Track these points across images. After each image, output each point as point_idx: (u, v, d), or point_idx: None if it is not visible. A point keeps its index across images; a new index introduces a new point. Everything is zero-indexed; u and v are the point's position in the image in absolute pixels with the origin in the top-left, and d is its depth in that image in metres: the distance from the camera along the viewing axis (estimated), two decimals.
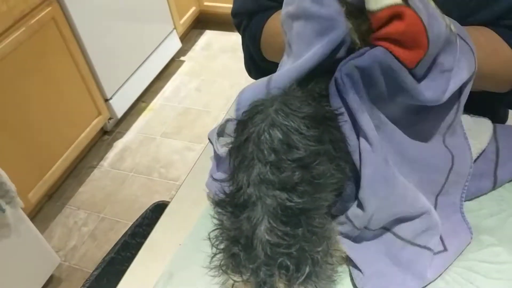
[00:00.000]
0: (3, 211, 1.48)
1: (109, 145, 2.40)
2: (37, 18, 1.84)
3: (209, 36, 3.02)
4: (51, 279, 1.86)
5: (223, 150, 0.66)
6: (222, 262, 0.52)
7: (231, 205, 0.50)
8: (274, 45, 0.80)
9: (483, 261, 0.62)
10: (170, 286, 0.66)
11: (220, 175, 0.71)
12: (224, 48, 2.91)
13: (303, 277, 0.47)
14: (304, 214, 0.48)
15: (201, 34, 3.04)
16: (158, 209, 1.28)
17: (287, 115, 0.49)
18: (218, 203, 0.53)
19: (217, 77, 2.71)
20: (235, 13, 0.90)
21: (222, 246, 0.52)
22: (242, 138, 0.50)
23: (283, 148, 0.48)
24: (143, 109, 2.58)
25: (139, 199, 2.12)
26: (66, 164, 2.13)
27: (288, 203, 0.47)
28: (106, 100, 2.30)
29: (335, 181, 0.53)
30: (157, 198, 2.12)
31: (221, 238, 0.52)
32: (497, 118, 0.81)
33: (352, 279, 0.61)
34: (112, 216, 2.08)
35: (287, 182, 0.47)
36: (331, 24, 0.53)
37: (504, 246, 0.63)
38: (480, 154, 0.71)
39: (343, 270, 0.62)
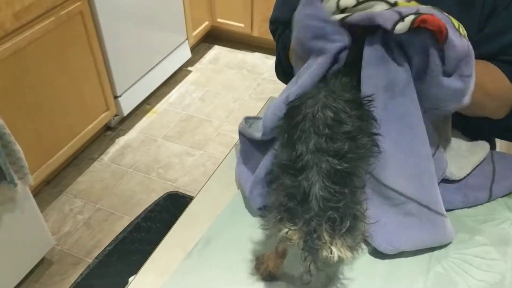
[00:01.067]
0: (15, 185, 1.55)
1: (112, 141, 2.48)
2: (66, 10, 1.95)
3: (217, 51, 3.15)
4: (42, 260, 1.91)
5: (259, 135, 0.78)
6: (278, 215, 0.61)
7: (291, 168, 0.60)
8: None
9: (476, 256, 0.73)
10: (208, 250, 0.76)
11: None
12: (230, 64, 3.04)
13: (344, 229, 0.57)
14: (349, 176, 0.59)
15: (209, 48, 3.17)
16: (170, 198, 1.38)
17: (335, 99, 0.61)
18: (280, 166, 0.63)
19: (221, 90, 2.83)
20: (273, 20, 1.03)
21: (279, 202, 0.61)
22: (299, 118, 0.61)
23: (335, 123, 0.59)
24: (148, 111, 2.67)
25: (136, 195, 2.20)
26: (70, 153, 2.20)
27: (338, 167, 0.58)
28: (116, 97, 2.39)
29: (372, 152, 0.65)
30: (154, 196, 2.21)
31: (278, 195, 0.62)
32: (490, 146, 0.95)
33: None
34: (108, 207, 2.15)
35: (339, 150, 0.58)
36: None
37: (494, 247, 0.75)
38: (476, 168, 0.84)
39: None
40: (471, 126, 0.85)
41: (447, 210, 0.80)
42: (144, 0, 2.40)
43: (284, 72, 1.04)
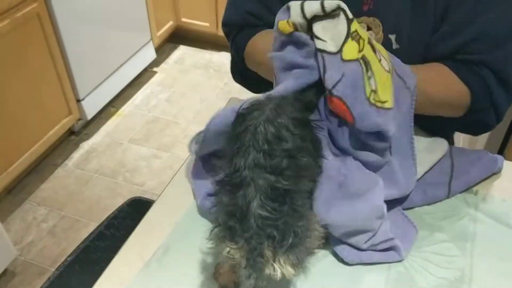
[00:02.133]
0: None
1: (75, 146, 2.42)
2: (22, 12, 1.88)
3: (182, 51, 3.11)
4: (4, 272, 1.84)
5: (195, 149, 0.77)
6: (220, 234, 0.60)
7: (229, 184, 0.59)
8: (255, 60, 0.92)
9: (436, 253, 0.74)
10: (167, 258, 0.74)
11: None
12: (196, 64, 3.00)
13: (286, 246, 0.57)
14: (289, 194, 0.58)
15: (175, 48, 3.13)
16: (134, 203, 1.35)
17: (280, 115, 0.59)
18: (218, 182, 0.62)
19: (187, 90, 2.79)
20: (225, 23, 1.01)
21: (220, 220, 0.61)
22: (241, 129, 0.59)
23: (275, 140, 0.58)
24: (112, 114, 2.61)
25: (102, 200, 2.15)
26: (32, 159, 2.13)
27: (276, 184, 0.57)
28: (78, 101, 2.33)
29: (313, 172, 0.65)
30: (120, 201, 2.14)
31: (219, 213, 0.61)
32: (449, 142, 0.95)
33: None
34: (73, 214, 2.09)
35: (276, 167, 0.57)
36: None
37: (454, 243, 0.75)
38: (435, 165, 0.84)
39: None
40: (431, 122, 0.85)
41: (407, 208, 0.80)
42: (105, 1, 2.35)
43: (241, 74, 1.02)
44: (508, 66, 0.82)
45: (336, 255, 0.73)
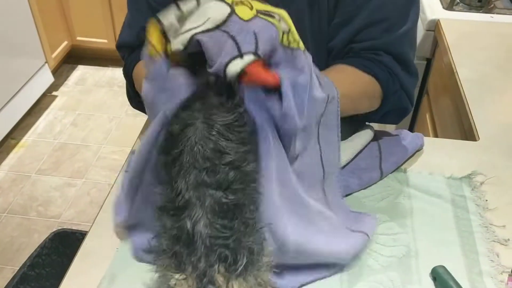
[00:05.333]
0: None
1: None
2: None
3: (82, 71, 2.96)
4: None
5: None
6: (164, 262, 0.56)
7: (172, 208, 0.55)
8: (140, 82, 0.81)
9: (381, 234, 0.76)
10: (115, 287, 0.69)
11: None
12: (99, 83, 2.87)
13: (241, 268, 0.52)
14: (238, 208, 0.54)
15: (73, 68, 2.97)
16: (58, 237, 1.25)
17: (213, 126, 0.55)
18: (160, 208, 0.57)
19: (94, 111, 2.66)
20: (119, 46, 0.95)
21: (163, 247, 0.56)
22: (177, 151, 0.56)
23: (215, 154, 0.54)
24: (13, 146, 2.41)
25: (15, 240, 1.97)
26: None
27: (224, 200, 0.53)
28: None
29: (260, 175, 0.59)
30: (37, 238, 2.00)
31: (163, 239, 0.56)
32: None
33: None
34: None
35: (222, 182, 0.54)
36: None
37: (395, 221, 0.78)
38: (362, 150, 0.87)
39: None
40: (353, 118, 0.87)
41: (347, 195, 0.82)
42: None
43: (135, 99, 0.94)
44: (404, 48, 0.86)
45: None
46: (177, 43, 0.59)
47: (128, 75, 0.90)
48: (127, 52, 0.92)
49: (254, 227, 0.56)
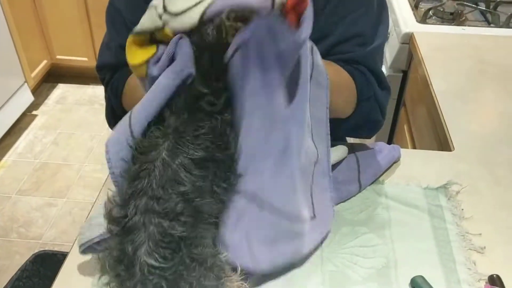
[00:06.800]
0: None
1: None
2: None
3: (63, 90, 2.94)
4: None
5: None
6: (107, 281, 0.56)
7: (118, 228, 0.55)
8: (135, 98, 0.79)
9: (361, 246, 0.77)
10: None
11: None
12: (80, 101, 2.86)
13: None
14: (185, 241, 0.54)
15: (53, 87, 2.95)
16: (39, 259, 1.24)
17: (177, 156, 0.55)
18: (108, 226, 0.57)
19: (75, 130, 2.64)
20: (99, 68, 0.95)
21: (108, 266, 0.56)
22: (136, 172, 0.56)
23: (171, 183, 0.54)
24: None
25: None
26: None
27: (170, 231, 0.53)
28: None
29: (216, 212, 0.60)
30: (18, 260, 1.97)
31: (108, 257, 0.56)
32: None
33: None
34: None
35: (170, 211, 0.54)
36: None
37: (374, 233, 0.79)
38: (342, 162, 0.88)
39: None
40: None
41: None
42: None
43: (118, 120, 0.94)
44: (376, 63, 0.90)
45: None
46: (186, 21, 0.58)
47: (118, 91, 0.90)
48: (109, 73, 0.92)
49: (203, 265, 0.55)
